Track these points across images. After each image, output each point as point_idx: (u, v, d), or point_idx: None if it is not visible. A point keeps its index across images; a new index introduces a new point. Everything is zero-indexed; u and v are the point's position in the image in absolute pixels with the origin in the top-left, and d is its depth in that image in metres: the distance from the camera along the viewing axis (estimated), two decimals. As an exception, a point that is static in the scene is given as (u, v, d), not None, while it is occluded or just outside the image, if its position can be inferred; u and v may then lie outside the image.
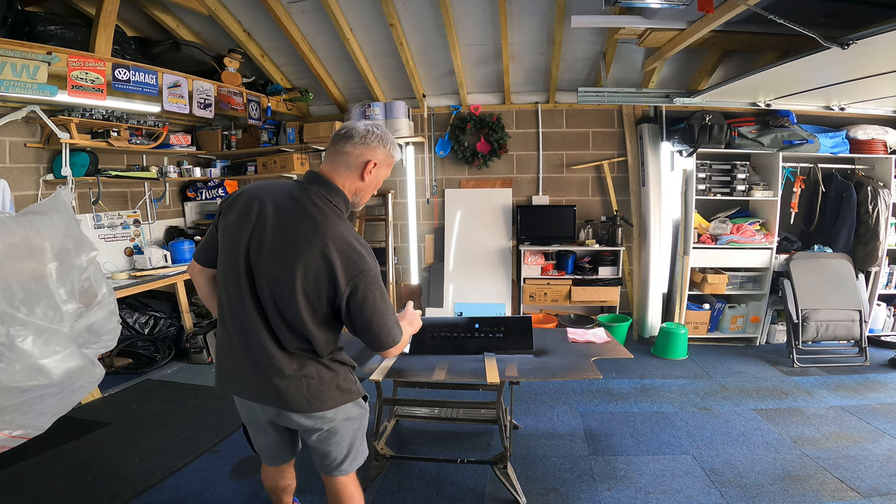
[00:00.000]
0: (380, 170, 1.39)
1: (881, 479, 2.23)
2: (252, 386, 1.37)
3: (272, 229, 1.28)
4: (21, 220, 2.05)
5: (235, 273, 1.31)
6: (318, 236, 1.25)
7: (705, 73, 3.81)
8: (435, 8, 3.33)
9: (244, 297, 1.30)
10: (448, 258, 4.61)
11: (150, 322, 3.82)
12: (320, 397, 1.36)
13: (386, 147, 1.38)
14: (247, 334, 1.32)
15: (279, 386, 1.32)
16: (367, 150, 1.35)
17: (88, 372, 2.13)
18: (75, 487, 2.23)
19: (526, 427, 2.79)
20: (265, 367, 1.32)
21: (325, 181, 1.34)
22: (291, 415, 1.37)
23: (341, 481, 1.50)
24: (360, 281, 1.25)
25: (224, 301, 1.36)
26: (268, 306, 1.29)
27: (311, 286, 1.25)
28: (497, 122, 4.43)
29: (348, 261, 1.25)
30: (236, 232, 1.31)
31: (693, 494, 2.15)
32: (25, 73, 2.49)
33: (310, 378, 1.34)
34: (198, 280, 1.50)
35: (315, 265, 1.24)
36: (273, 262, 1.26)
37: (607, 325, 4.02)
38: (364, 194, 1.41)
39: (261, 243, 1.28)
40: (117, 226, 3.93)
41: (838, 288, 3.78)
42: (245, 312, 1.31)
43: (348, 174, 1.35)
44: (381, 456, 2.26)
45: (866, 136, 3.96)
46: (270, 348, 1.31)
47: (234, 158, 4.77)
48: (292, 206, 1.29)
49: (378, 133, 1.36)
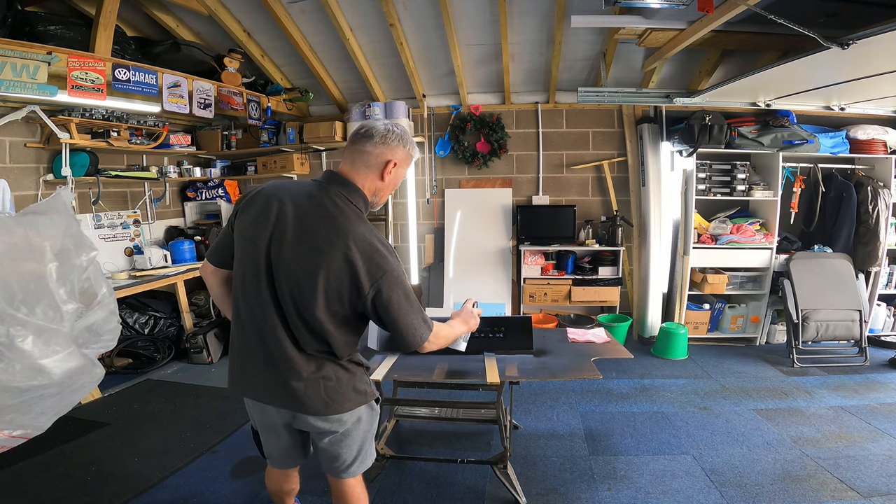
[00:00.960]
0: (400, 169, 1.38)
1: (881, 479, 2.23)
2: (268, 388, 1.36)
3: (293, 230, 1.26)
4: (21, 220, 2.05)
5: (255, 274, 1.29)
6: (339, 238, 1.23)
7: (705, 73, 3.81)
8: (435, 8, 3.33)
9: (263, 298, 1.28)
10: (448, 258, 4.61)
11: (150, 322, 3.82)
12: (337, 399, 1.34)
13: (406, 146, 1.37)
14: (264, 336, 1.30)
15: (296, 388, 1.31)
16: (388, 149, 1.33)
17: (88, 372, 2.13)
18: (75, 487, 2.23)
19: (526, 427, 2.79)
20: (282, 369, 1.31)
21: (345, 181, 1.33)
22: (307, 417, 1.36)
23: (349, 483, 1.50)
24: (383, 282, 1.24)
25: (241, 302, 1.34)
26: (287, 308, 1.27)
27: (332, 289, 1.23)
28: (497, 122, 4.43)
29: (371, 262, 1.23)
30: (255, 231, 1.29)
31: (693, 494, 2.15)
32: (25, 73, 2.49)
33: (328, 380, 1.33)
34: (210, 281, 1.47)
35: (338, 268, 1.22)
36: (294, 264, 1.25)
37: (607, 325, 4.02)
38: (383, 194, 1.40)
39: (281, 244, 1.26)
40: (117, 226, 3.93)
41: (838, 288, 3.78)
42: (263, 314, 1.29)
43: (368, 174, 1.34)
44: (381, 456, 2.26)
45: (866, 136, 3.96)
46: (288, 350, 1.29)
47: (234, 158, 4.77)
48: (313, 207, 1.28)
49: (398, 132, 1.35)
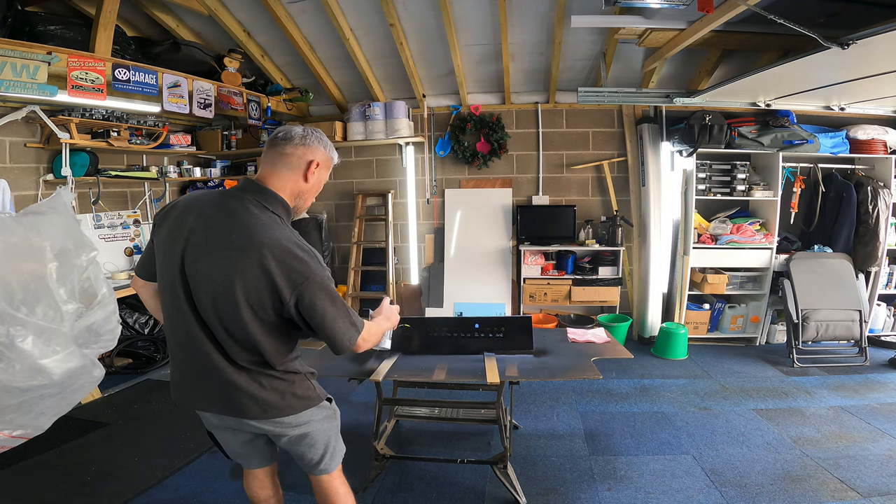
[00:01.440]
0: (322, 171, 1.38)
1: (881, 479, 2.23)
2: (204, 398, 1.35)
3: (206, 242, 1.23)
4: (21, 220, 2.05)
5: (172, 288, 1.27)
6: (253, 246, 1.19)
7: (705, 73, 3.81)
8: (435, 8, 3.33)
9: (184, 313, 1.26)
10: (448, 258, 4.61)
11: (150, 322, 3.82)
12: (276, 405, 1.32)
13: (325, 148, 1.38)
14: (191, 349, 1.28)
15: (231, 397, 1.29)
16: (309, 150, 1.34)
17: (88, 372, 2.13)
18: (75, 487, 2.23)
19: (526, 427, 2.79)
20: (214, 380, 1.29)
21: (261, 188, 1.30)
22: (249, 422, 1.34)
23: (324, 479, 1.49)
24: (304, 289, 1.20)
25: (166, 316, 1.33)
26: (210, 321, 1.24)
27: (253, 298, 1.20)
28: (497, 122, 4.43)
29: (290, 269, 1.19)
30: (169, 245, 1.27)
31: (693, 494, 2.15)
32: (25, 73, 2.49)
33: (262, 388, 1.30)
34: (143, 294, 1.46)
35: (254, 276, 1.19)
36: (210, 275, 1.21)
37: (607, 325, 4.02)
38: (307, 197, 1.39)
39: (196, 257, 1.23)
40: (117, 226, 3.92)
41: (838, 288, 3.78)
42: (187, 327, 1.27)
43: (290, 176, 1.33)
44: (381, 456, 2.26)
45: (866, 136, 3.96)
46: (218, 361, 1.27)
47: (234, 158, 4.77)
48: (225, 216, 1.25)
49: (317, 135, 1.37)
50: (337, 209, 4.95)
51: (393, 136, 4.33)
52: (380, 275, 4.77)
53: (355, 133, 4.40)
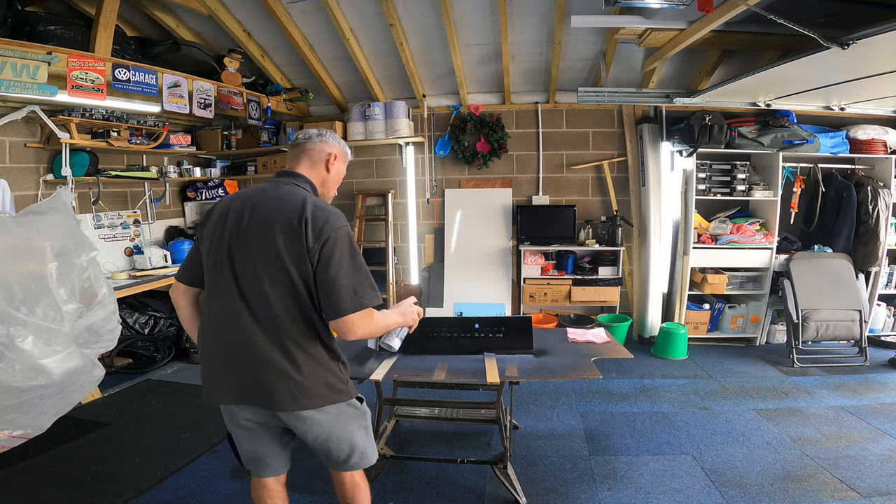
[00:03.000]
0: (339, 163, 1.57)
1: (881, 479, 2.23)
2: (240, 388, 1.36)
3: (250, 219, 1.36)
4: (21, 221, 2.05)
5: (217, 264, 1.37)
6: (292, 206, 1.34)
7: (705, 73, 3.81)
8: (435, 8, 3.33)
9: (227, 290, 1.35)
10: (448, 258, 4.61)
11: (150, 322, 3.82)
12: (307, 394, 1.34)
13: (339, 144, 1.58)
14: (230, 329, 1.34)
15: (264, 381, 1.32)
16: (326, 145, 1.53)
17: (88, 372, 2.13)
18: (75, 487, 2.23)
19: (526, 427, 2.79)
20: (250, 362, 1.33)
21: (292, 172, 1.49)
22: (279, 414, 1.36)
23: (347, 474, 1.52)
24: (330, 236, 1.30)
25: (210, 304, 1.41)
26: (251, 291, 1.32)
27: (292, 252, 1.30)
28: (497, 122, 4.43)
29: (321, 220, 1.32)
30: (216, 231, 1.39)
31: (693, 494, 2.15)
32: (25, 73, 2.49)
33: (299, 371, 1.33)
34: (181, 301, 1.49)
35: (289, 228, 1.31)
36: (255, 244, 1.33)
37: (607, 325, 4.02)
38: (330, 185, 1.56)
39: (241, 235, 1.35)
40: (117, 226, 3.92)
41: (838, 288, 3.78)
42: (229, 304, 1.34)
43: (313, 167, 1.51)
44: (381, 456, 2.26)
45: (866, 136, 3.96)
46: (256, 336, 1.32)
47: (234, 158, 4.77)
48: (266, 197, 1.40)
49: (331, 133, 1.58)
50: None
51: (393, 136, 4.33)
52: (380, 275, 4.77)
53: (355, 133, 4.40)
